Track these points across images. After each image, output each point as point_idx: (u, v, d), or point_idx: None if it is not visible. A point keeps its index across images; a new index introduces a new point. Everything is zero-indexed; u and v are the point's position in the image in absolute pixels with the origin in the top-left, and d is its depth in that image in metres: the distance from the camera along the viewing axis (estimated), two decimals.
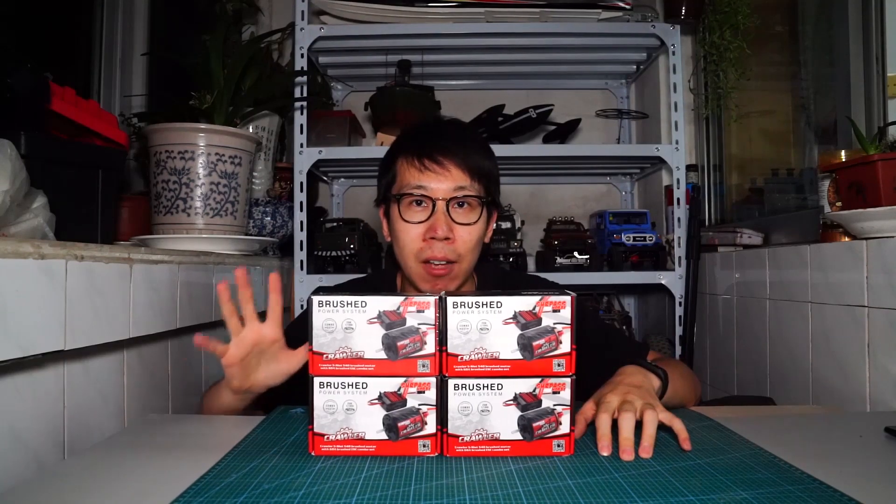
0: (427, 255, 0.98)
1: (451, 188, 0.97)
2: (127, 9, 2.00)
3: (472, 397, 0.75)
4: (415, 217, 0.98)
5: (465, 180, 0.98)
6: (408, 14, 1.86)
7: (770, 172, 1.86)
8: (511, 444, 0.75)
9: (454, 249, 0.98)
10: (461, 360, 0.75)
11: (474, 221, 0.99)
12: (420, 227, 0.98)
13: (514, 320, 0.74)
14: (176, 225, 1.37)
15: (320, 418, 0.76)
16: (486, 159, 1.03)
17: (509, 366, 0.75)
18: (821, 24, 1.63)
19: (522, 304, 0.74)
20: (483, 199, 1.00)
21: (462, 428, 0.75)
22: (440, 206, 0.97)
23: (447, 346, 0.75)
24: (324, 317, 0.75)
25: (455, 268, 0.99)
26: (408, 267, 1.01)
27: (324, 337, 0.75)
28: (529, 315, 0.74)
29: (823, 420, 0.96)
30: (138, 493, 0.65)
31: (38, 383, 0.80)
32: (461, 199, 0.98)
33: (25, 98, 1.03)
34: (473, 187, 0.99)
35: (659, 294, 2.06)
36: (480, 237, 1.02)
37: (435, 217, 0.97)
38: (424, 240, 0.98)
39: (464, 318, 0.74)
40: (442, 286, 1.00)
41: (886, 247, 1.06)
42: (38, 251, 0.75)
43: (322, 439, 0.76)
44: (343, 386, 0.76)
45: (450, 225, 0.97)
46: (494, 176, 1.04)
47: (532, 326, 0.74)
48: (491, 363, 0.75)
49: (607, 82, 2.35)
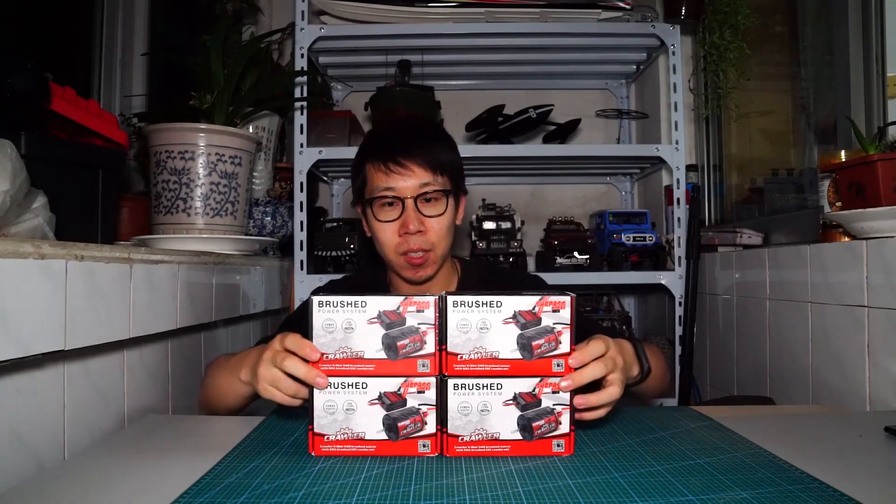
0: (404, 248, 1.08)
1: (416, 186, 1.06)
2: (127, 9, 2.00)
3: (471, 397, 0.75)
4: (388, 216, 1.08)
5: (428, 177, 1.07)
6: (408, 14, 1.86)
7: (770, 172, 1.86)
8: (511, 444, 0.75)
9: (427, 240, 1.08)
10: (461, 359, 0.75)
11: (442, 212, 1.08)
12: (394, 225, 1.08)
13: (514, 320, 0.74)
14: (176, 225, 1.37)
15: (320, 418, 0.76)
16: (446, 152, 1.11)
17: (509, 365, 0.75)
18: (821, 24, 1.63)
19: (522, 304, 0.74)
20: (448, 192, 1.09)
21: (462, 428, 0.75)
22: (409, 203, 1.06)
23: (447, 345, 0.75)
24: (324, 317, 0.75)
25: (430, 255, 1.09)
26: (389, 260, 1.11)
27: (324, 337, 0.75)
28: (529, 315, 0.74)
29: (823, 420, 0.96)
30: (138, 493, 0.65)
31: (38, 383, 0.80)
32: (428, 194, 1.07)
33: (25, 98, 1.03)
34: (437, 181, 1.07)
35: (659, 294, 2.06)
36: (450, 224, 1.11)
37: (406, 214, 1.07)
38: (400, 235, 1.07)
39: (464, 318, 0.75)
40: (422, 273, 1.10)
41: (886, 247, 1.06)
42: (38, 251, 0.75)
43: (322, 439, 0.76)
44: (343, 386, 0.76)
45: (420, 219, 1.07)
46: (457, 165, 1.13)
47: (532, 326, 0.74)
48: (490, 363, 0.75)
49: (607, 82, 2.35)
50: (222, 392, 0.96)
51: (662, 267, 1.83)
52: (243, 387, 0.90)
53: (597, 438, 0.82)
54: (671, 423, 0.88)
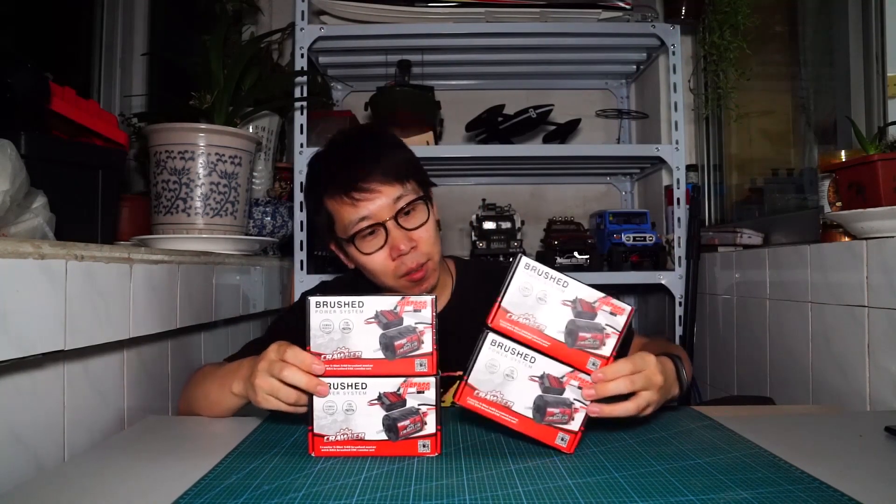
0: (403, 270, 1.01)
1: (390, 204, 0.99)
2: (127, 9, 2.00)
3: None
4: (374, 247, 1.00)
5: (397, 190, 0.99)
6: (408, 14, 1.86)
7: (770, 172, 1.86)
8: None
9: (421, 252, 1.01)
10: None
11: (426, 220, 1.02)
12: (383, 252, 1.00)
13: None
14: (176, 225, 1.37)
15: (320, 419, 0.76)
16: (399, 153, 1.04)
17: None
18: (821, 24, 1.63)
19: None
20: (422, 197, 1.02)
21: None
22: (390, 224, 0.99)
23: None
24: (321, 317, 0.75)
25: (429, 265, 1.02)
26: (389, 287, 1.04)
27: (321, 337, 0.75)
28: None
29: (823, 420, 0.96)
30: (139, 494, 0.65)
31: (38, 383, 0.80)
32: (405, 208, 1.00)
33: (25, 98, 1.03)
34: (407, 189, 1.00)
35: (659, 294, 2.06)
36: (436, 227, 1.05)
37: (391, 237, 0.99)
38: (393, 259, 1.00)
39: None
40: (426, 285, 1.03)
41: (886, 247, 1.06)
42: (38, 251, 0.75)
43: (322, 440, 0.76)
44: (342, 387, 0.76)
45: (407, 236, 1.00)
46: (415, 163, 1.06)
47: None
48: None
49: (607, 82, 2.35)
50: (210, 402, 0.95)
51: (662, 267, 1.83)
52: (234, 399, 0.90)
53: (597, 438, 0.82)
54: (671, 423, 0.88)
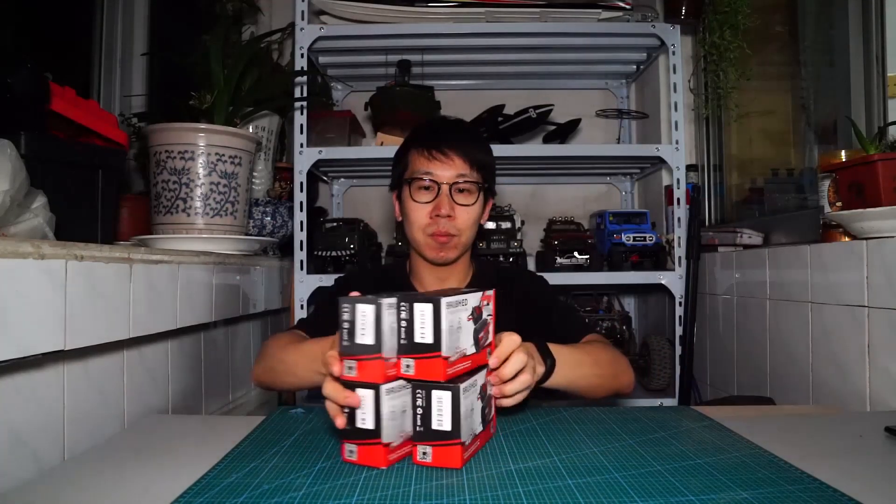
0: (433, 230, 1.15)
1: (453, 175, 1.14)
2: (127, 9, 2.00)
3: (465, 400, 0.74)
4: (423, 198, 1.15)
5: (465, 169, 1.14)
6: (408, 14, 1.86)
7: (770, 172, 1.86)
8: (479, 438, 0.76)
9: (455, 225, 1.15)
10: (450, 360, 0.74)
11: (472, 203, 1.16)
12: (427, 207, 1.14)
13: (471, 315, 0.75)
14: (176, 225, 1.37)
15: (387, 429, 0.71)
16: (485, 153, 1.20)
17: (470, 361, 0.75)
18: (821, 24, 1.63)
19: (476, 300, 0.76)
20: (480, 185, 1.17)
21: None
22: (444, 189, 1.14)
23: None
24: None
25: (455, 240, 1.16)
26: (415, 239, 1.18)
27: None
28: (478, 309, 0.77)
29: (823, 420, 0.96)
30: (138, 493, 0.65)
31: (38, 383, 0.80)
32: (462, 184, 1.15)
33: (25, 98, 1.03)
34: (472, 175, 1.15)
35: (659, 294, 2.06)
36: (477, 218, 1.19)
37: (440, 198, 1.14)
38: (431, 217, 1.14)
39: (451, 319, 0.71)
40: (444, 254, 1.16)
41: (886, 247, 1.06)
42: (38, 251, 0.75)
43: (388, 449, 0.71)
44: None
45: (452, 205, 1.14)
46: (491, 167, 1.21)
47: (477, 320, 0.77)
48: (464, 360, 0.74)
49: (607, 82, 2.36)
50: (298, 370, 0.97)
51: (662, 267, 1.83)
52: (319, 377, 0.87)
53: (597, 438, 0.82)
54: (671, 423, 0.89)
